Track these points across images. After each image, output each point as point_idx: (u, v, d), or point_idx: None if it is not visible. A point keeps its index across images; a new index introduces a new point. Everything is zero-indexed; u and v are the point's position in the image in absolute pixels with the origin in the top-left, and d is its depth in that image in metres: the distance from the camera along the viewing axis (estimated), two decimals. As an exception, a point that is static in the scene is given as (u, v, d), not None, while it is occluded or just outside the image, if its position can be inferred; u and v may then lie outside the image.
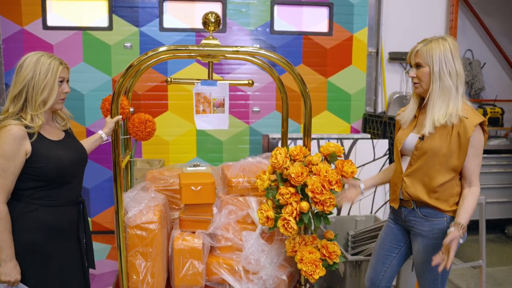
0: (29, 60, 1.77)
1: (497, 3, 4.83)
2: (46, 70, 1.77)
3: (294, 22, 4.41)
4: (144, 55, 2.33)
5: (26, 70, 1.75)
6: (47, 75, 1.77)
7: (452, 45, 1.97)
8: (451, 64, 1.94)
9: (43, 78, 1.76)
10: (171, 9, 4.18)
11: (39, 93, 1.76)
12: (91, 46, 4.09)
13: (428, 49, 1.98)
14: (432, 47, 1.97)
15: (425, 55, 1.97)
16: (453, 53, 1.96)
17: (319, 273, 2.32)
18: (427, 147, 1.94)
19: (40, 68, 1.76)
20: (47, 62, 1.78)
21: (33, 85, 1.75)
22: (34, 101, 1.76)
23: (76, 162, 1.90)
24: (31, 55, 1.79)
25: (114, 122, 2.28)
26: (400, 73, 4.71)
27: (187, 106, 4.30)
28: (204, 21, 2.59)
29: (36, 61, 1.76)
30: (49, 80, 1.78)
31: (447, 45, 1.96)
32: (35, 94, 1.75)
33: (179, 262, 2.53)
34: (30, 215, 1.76)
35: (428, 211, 1.99)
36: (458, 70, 1.95)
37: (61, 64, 1.83)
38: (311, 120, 2.67)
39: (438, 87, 1.94)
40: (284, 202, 2.34)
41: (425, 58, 1.97)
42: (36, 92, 1.75)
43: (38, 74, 1.75)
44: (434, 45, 1.97)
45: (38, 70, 1.76)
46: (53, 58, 1.81)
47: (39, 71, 1.76)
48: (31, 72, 1.75)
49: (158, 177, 3.22)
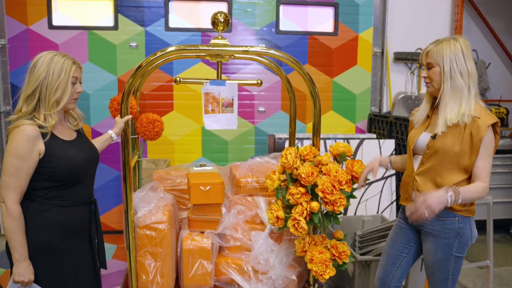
0: (43, 60, 1.76)
1: (501, 3, 4.83)
2: (59, 70, 1.76)
3: (300, 22, 4.41)
4: (153, 56, 2.32)
5: (40, 70, 1.75)
6: (61, 74, 1.76)
7: (464, 45, 1.97)
8: (462, 64, 1.94)
9: (56, 78, 1.76)
10: (177, 9, 4.18)
11: (53, 92, 1.75)
12: (97, 45, 4.08)
13: (438, 49, 1.99)
14: (443, 47, 1.98)
15: (436, 55, 1.99)
16: (465, 53, 1.96)
17: (329, 273, 2.32)
18: (438, 146, 1.94)
19: (53, 68, 1.75)
20: (60, 61, 1.77)
21: (47, 85, 1.75)
22: (48, 101, 1.75)
23: (89, 162, 1.89)
24: (44, 54, 1.79)
25: (124, 122, 2.28)
26: (405, 73, 4.71)
27: (192, 106, 4.30)
28: (213, 20, 2.59)
29: (49, 61, 1.76)
30: (63, 80, 1.77)
31: (458, 45, 1.97)
32: (49, 93, 1.75)
33: (188, 262, 2.52)
34: (43, 215, 1.76)
35: None
36: (470, 70, 1.95)
37: (74, 63, 1.82)
38: (320, 120, 2.66)
39: (449, 86, 1.95)
40: (294, 202, 2.34)
41: (436, 58, 1.98)
42: (49, 91, 1.75)
43: (51, 74, 1.75)
44: (445, 45, 1.98)
45: (52, 69, 1.75)
46: (66, 57, 1.80)
47: (52, 70, 1.75)
48: (45, 71, 1.75)
49: (165, 177, 3.22)
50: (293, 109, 3.06)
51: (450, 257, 1.99)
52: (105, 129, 2.66)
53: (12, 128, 1.72)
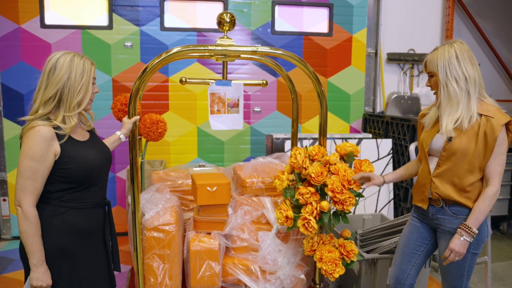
0: (63, 61, 1.72)
1: (490, 5, 4.95)
2: (81, 71, 1.73)
3: (295, 22, 4.42)
4: (158, 57, 2.31)
5: (61, 71, 1.71)
6: (83, 76, 1.74)
7: (459, 50, 1.99)
8: (456, 70, 1.97)
9: (79, 80, 1.73)
10: (172, 8, 4.15)
11: (75, 94, 1.72)
12: (91, 45, 4.02)
13: (433, 57, 2.03)
14: (437, 56, 2.01)
15: (431, 65, 2.04)
16: (459, 58, 1.97)
17: (339, 272, 2.34)
18: (455, 148, 1.97)
19: (75, 69, 1.72)
20: (80, 63, 1.74)
21: (69, 87, 1.71)
22: (69, 103, 1.72)
23: (103, 163, 1.86)
24: (62, 55, 1.75)
25: (132, 122, 2.25)
26: (398, 73, 4.78)
27: (188, 106, 4.27)
28: (219, 21, 2.58)
29: (70, 62, 1.72)
30: (85, 81, 1.74)
31: (452, 51, 1.98)
32: (71, 95, 1.72)
33: (196, 263, 2.51)
34: (59, 218, 1.72)
35: (458, 209, 2.02)
36: (467, 73, 1.97)
37: (92, 64, 1.79)
38: (326, 120, 2.68)
39: (445, 94, 1.99)
40: (304, 201, 2.35)
41: (432, 67, 2.04)
42: (72, 93, 1.72)
43: (74, 76, 1.72)
44: (439, 53, 2.01)
45: (74, 71, 1.72)
46: (85, 58, 1.78)
47: (74, 72, 1.72)
48: (67, 73, 1.71)
49: (164, 178, 3.19)
50: (296, 109, 3.08)
51: (467, 254, 2.03)
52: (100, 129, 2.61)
53: (26, 129, 1.68)
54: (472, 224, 1.96)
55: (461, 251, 1.97)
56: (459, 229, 1.98)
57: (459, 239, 1.96)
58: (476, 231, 1.96)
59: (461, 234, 1.97)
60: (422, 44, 4.73)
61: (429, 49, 4.79)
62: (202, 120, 4.34)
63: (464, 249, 1.98)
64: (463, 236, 1.96)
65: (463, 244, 1.97)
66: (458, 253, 1.97)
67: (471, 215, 1.98)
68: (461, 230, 1.97)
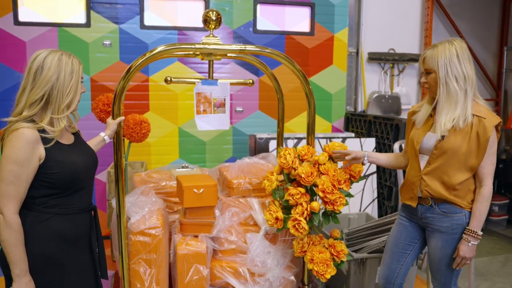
0: (50, 60, 1.62)
1: (466, 6, 5.04)
2: (70, 71, 1.65)
3: (277, 21, 4.39)
4: (143, 57, 2.24)
5: (50, 72, 1.61)
6: (72, 76, 1.65)
7: (459, 48, 2.00)
8: (457, 68, 1.97)
9: (68, 80, 1.64)
10: (152, 6, 4.05)
11: (65, 96, 1.63)
12: (68, 43, 3.88)
13: (433, 55, 2.01)
14: (438, 53, 1.99)
15: (431, 61, 2.01)
16: (460, 57, 1.98)
17: (330, 272, 2.32)
18: (447, 147, 1.98)
19: (64, 69, 1.63)
20: (69, 62, 1.65)
21: (58, 88, 1.62)
22: (58, 105, 1.63)
23: (89, 167, 1.78)
24: (48, 54, 1.64)
25: (116, 123, 2.17)
26: (379, 72, 4.82)
27: (169, 106, 4.19)
28: (204, 19, 2.52)
29: (58, 61, 1.63)
30: (74, 81, 1.66)
31: (453, 49, 1.99)
32: (60, 97, 1.63)
33: (183, 267, 2.45)
34: (42, 225, 1.63)
35: (448, 207, 2.03)
36: (466, 73, 1.98)
37: (80, 63, 1.71)
38: (314, 120, 2.67)
39: (444, 92, 1.98)
40: (294, 202, 2.32)
41: (431, 64, 2.01)
42: (61, 95, 1.62)
43: (63, 76, 1.62)
44: (440, 51, 2.00)
45: (63, 71, 1.63)
46: (73, 57, 1.69)
47: (63, 72, 1.63)
48: (56, 73, 1.62)
49: (147, 180, 3.11)
50: (281, 108, 3.06)
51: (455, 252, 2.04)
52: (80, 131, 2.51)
53: (9, 131, 1.58)
54: (476, 228, 1.98)
55: (471, 256, 2.00)
56: (465, 235, 2.00)
57: (467, 245, 1.99)
58: (481, 233, 1.99)
59: (468, 240, 1.99)
60: (402, 43, 4.78)
61: (408, 48, 4.90)
62: (183, 121, 4.26)
63: (473, 252, 2.01)
64: (470, 241, 1.98)
65: (472, 248, 1.99)
66: (468, 258, 2.00)
67: (473, 218, 2.00)
68: (467, 236, 1.99)
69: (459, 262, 2.01)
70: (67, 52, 1.70)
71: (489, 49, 5.27)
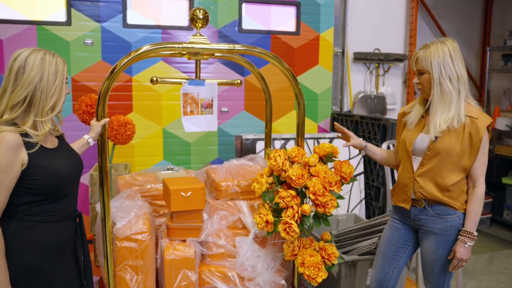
0: (33, 60, 1.54)
1: (450, 6, 5.08)
2: (54, 71, 1.56)
3: (262, 21, 4.35)
4: (127, 57, 2.17)
5: (33, 72, 1.52)
6: (57, 77, 1.56)
7: (452, 48, 1.98)
8: (450, 69, 1.95)
9: (52, 81, 1.55)
10: (135, 5, 3.95)
11: (49, 98, 1.55)
12: (48, 42, 3.75)
13: (426, 55, 1.98)
14: (431, 53, 1.97)
15: (424, 62, 1.99)
16: (453, 57, 1.97)
17: (322, 276, 2.28)
18: (440, 148, 1.96)
19: (48, 69, 1.54)
20: (53, 61, 1.57)
21: (42, 89, 1.53)
22: (42, 107, 1.54)
23: (75, 172, 1.70)
24: (30, 53, 1.56)
25: (101, 125, 2.09)
26: (364, 72, 4.81)
27: (153, 106, 4.10)
28: (191, 17, 2.46)
29: (41, 61, 1.54)
30: (59, 82, 1.57)
31: (446, 49, 1.97)
32: (44, 99, 1.54)
33: (171, 273, 2.38)
34: (25, 234, 1.54)
35: (441, 209, 2.02)
36: (459, 73, 1.97)
37: (64, 63, 1.63)
38: (304, 120, 2.63)
39: (438, 92, 1.97)
40: (284, 205, 2.27)
41: (425, 65, 1.99)
42: (45, 96, 1.54)
43: (47, 77, 1.54)
44: (433, 51, 1.97)
45: (46, 71, 1.54)
46: (56, 56, 1.61)
47: (47, 73, 1.54)
48: (39, 74, 1.53)
49: (131, 183, 3.03)
50: (269, 109, 3.02)
51: (450, 253, 2.03)
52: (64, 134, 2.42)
53: None
54: (471, 229, 1.97)
55: (468, 257, 1.99)
56: (461, 236, 1.99)
57: (464, 246, 1.97)
58: (476, 234, 1.97)
59: (464, 242, 1.97)
60: (387, 43, 4.79)
61: (393, 48, 4.90)
62: (167, 121, 4.17)
63: (469, 254, 2.00)
64: (467, 243, 1.97)
65: (468, 249, 1.98)
66: (465, 260, 1.99)
67: (468, 219, 1.99)
68: (464, 238, 1.98)
69: (456, 264, 1.99)
70: (51, 51, 1.61)
71: (472, 49, 5.32)
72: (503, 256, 4.00)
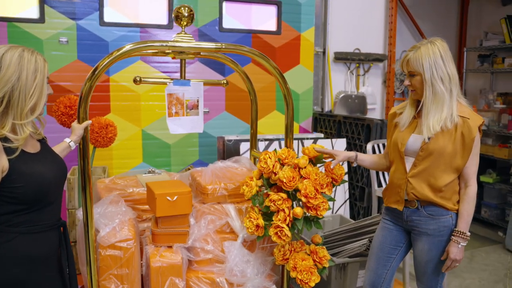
0: (9, 57, 1.42)
1: (428, 7, 5.15)
2: (33, 70, 1.44)
3: (243, 20, 4.28)
4: (109, 56, 2.08)
5: (9, 71, 1.40)
6: (36, 75, 1.45)
7: (442, 49, 1.98)
8: (442, 69, 1.94)
9: (32, 80, 1.44)
10: (112, 2, 3.81)
11: (28, 98, 1.43)
12: (19, 40, 3.56)
13: (417, 56, 1.96)
14: (422, 55, 1.96)
15: (416, 63, 1.97)
16: (444, 57, 1.97)
17: (314, 280, 2.24)
18: (432, 148, 1.95)
19: (26, 67, 1.43)
20: (32, 59, 1.45)
21: (20, 89, 1.42)
22: (21, 108, 1.43)
23: (59, 178, 1.59)
24: (6, 50, 1.44)
25: (83, 128, 1.98)
26: (345, 72, 4.81)
27: (131, 107, 3.97)
28: (176, 15, 2.38)
29: (19, 58, 1.43)
30: (39, 81, 1.46)
31: (436, 50, 1.96)
32: (22, 99, 1.42)
33: (158, 281, 2.28)
34: (6, 246, 1.43)
35: (434, 210, 2.00)
36: (450, 73, 1.96)
37: (45, 60, 1.51)
38: (293, 121, 2.58)
39: (431, 93, 1.95)
40: (275, 209, 2.22)
41: (416, 66, 1.97)
42: (24, 97, 1.42)
43: (25, 76, 1.42)
44: (423, 52, 1.96)
45: (25, 70, 1.42)
46: (36, 53, 1.49)
47: (25, 71, 1.42)
48: (17, 72, 1.41)
49: (111, 187, 2.91)
50: (255, 109, 2.96)
51: (443, 254, 2.02)
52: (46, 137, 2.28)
53: None
54: (464, 229, 1.96)
55: (461, 257, 1.98)
56: (453, 237, 1.97)
57: (457, 247, 1.96)
58: (469, 234, 1.96)
59: (457, 242, 1.96)
60: (366, 43, 4.80)
61: (373, 48, 4.92)
62: (147, 123, 4.05)
63: (462, 254, 1.98)
64: (460, 243, 1.96)
65: (461, 250, 1.97)
66: (459, 260, 1.97)
67: (461, 219, 1.98)
68: (457, 238, 1.96)
69: (449, 265, 1.98)
70: (30, 48, 1.50)
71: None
72: (483, 253, 4.07)
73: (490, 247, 4.23)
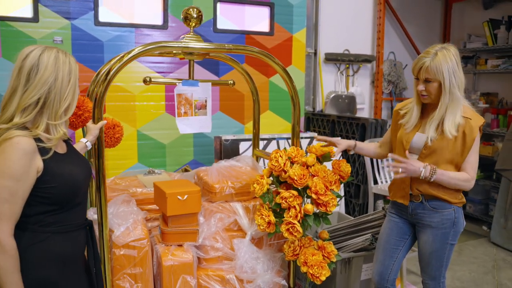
0: (46, 59, 1.41)
1: (414, 10, 5.31)
2: (68, 71, 1.45)
3: (237, 21, 4.32)
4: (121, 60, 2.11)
5: (47, 72, 1.40)
6: (71, 77, 1.45)
7: (456, 55, 2.03)
8: (459, 77, 2.01)
9: (67, 82, 1.44)
10: (108, 2, 3.79)
11: (63, 99, 1.43)
12: (13, 39, 3.51)
13: (437, 64, 1.98)
14: (441, 62, 1.98)
15: (435, 71, 1.99)
16: (458, 64, 2.03)
17: (325, 274, 2.30)
18: (436, 146, 2.05)
19: (62, 69, 1.43)
20: (66, 60, 1.45)
21: (56, 91, 1.42)
22: (56, 110, 1.43)
23: (87, 178, 1.60)
24: (42, 51, 1.43)
25: (98, 128, 2.00)
26: (335, 73, 4.91)
27: (126, 108, 3.95)
28: (185, 16, 2.42)
29: (55, 60, 1.42)
30: (73, 83, 1.46)
31: (452, 57, 2.00)
32: (58, 101, 1.43)
33: (170, 280, 2.31)
34: (39, 246, 1.43)
35: (437, 203, 2.10)
36: (463, 78, 2.05)
37: (76, 62, 1.52)
38: (299, 121, 2.65)
39: (448, 100, 2.01)
40: (286, 205, 2.27)
41: (435, 74, 2.00)
42: (59, 98, 1.43)
43: (61, 77, 1.42)
44: (442, 60, 1.98)
45: (61, 71, 1.43)
46: (69, 55, 1.50)
47: (62, 72, 1.43)
48: (53, 74, 1.41)
49: (113, 188, 2.91)
50: (257, 109, 3.01)
51: (446, 245, 2.13)
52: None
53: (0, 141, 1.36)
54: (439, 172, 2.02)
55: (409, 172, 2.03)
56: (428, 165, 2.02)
57: (419, 168, 2.01)
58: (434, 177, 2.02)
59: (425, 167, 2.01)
60: (355, 45, 4.92)
61: (362, 50, 5.04)
62: (142, 123, 4.04)
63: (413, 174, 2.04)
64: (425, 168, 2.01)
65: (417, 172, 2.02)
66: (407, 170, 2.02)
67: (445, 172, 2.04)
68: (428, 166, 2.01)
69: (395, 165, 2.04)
70: (62, 49, 1.50)
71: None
72: (470, 247, 4.23)
73: (476, 240, 4.41)
